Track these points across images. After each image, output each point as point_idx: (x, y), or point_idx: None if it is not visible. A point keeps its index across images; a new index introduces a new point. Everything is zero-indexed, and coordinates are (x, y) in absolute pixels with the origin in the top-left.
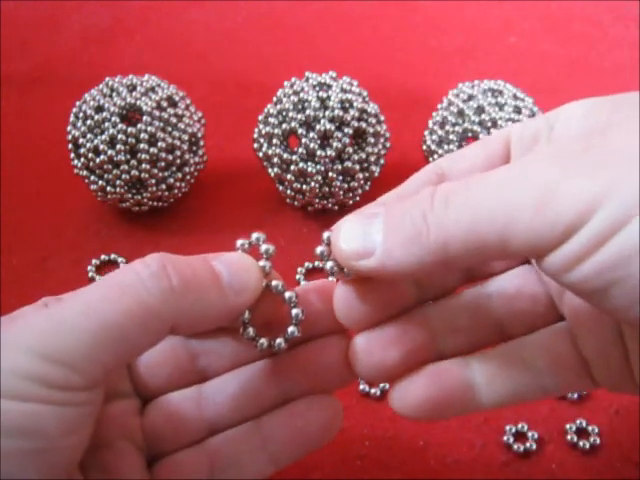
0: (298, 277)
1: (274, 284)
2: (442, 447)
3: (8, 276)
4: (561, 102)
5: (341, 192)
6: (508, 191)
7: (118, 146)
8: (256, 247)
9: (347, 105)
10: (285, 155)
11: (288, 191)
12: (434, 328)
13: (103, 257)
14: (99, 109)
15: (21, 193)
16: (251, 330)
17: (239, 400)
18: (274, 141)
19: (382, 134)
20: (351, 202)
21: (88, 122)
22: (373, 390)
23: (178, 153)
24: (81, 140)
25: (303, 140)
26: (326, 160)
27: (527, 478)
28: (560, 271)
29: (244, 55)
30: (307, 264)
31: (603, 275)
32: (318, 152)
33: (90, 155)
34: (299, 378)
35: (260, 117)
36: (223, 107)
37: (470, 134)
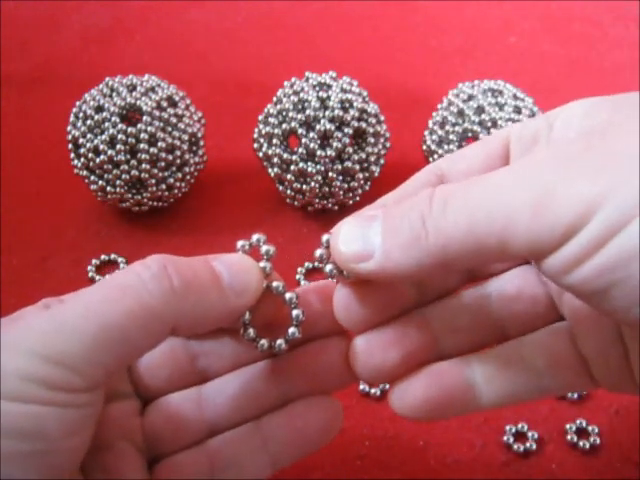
0: (298, 277)
1: (275, 285)
2: (442, 447)
3: (8, 276)
4: (561, 102)
5: (341, 192)
6: (507, 193)
7: (118, 146)
8: (257, 248)
9: (347, 105)
10: (285, 155)
11: (288, 191)
12: (434, 329)
13: (103, 257)
14: (99, 109)
15: (21, 193)
16: (252, 331)
17: (239, 401)
18: (274, 141)
19: (382, 134)
20: (351, 202)
21: (88, 122)
22: (373, 390)
23: (178, 153)
24: (81, 140)
25: (303, 140)
26: (326, 160)
27: (527, 478)
28: (560, 273)
29: (244, 55)
30: (307, 264)
31: (603, 277)
32: (318, 152)
33: (90, 155)
34: (299, 379)
35: (260, 117)
36: (223, 107)
37: (470, 134)
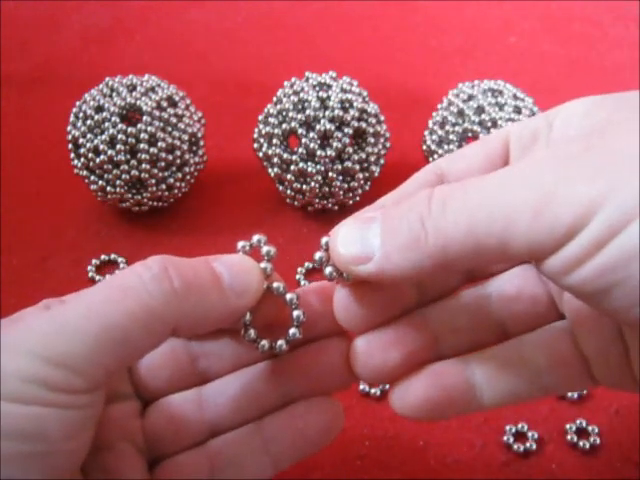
0: (298, 277)
1: (275, 286)
2: (442, 447)
3: (8, 276)
4: (561, 102)
5: (341, 192)
6: (507, 194)
7: (118, 146)
8: (257, 249)
9: (347, 105)
10: (285, 155)
11: (288, 191)
12: (434, 329)
13: (103, 257)
14: (99, 109)
15: (21, 193)
16: (252, 332)
17: (240, 402)
18: (274, 141)
19: (382, 134)
20: (351, 202)
21: (88, 122)
22: (373, 390)
23: (178, 153)
24: (81, 140)
25: (303, 140)
26: (326, 160)
27: (527, 478)
28: (560, 274)
29: (244, 55)
30: (307, 264)
31: (603, 277)
32: (318, 152)
33: (90, 155)
34: (300, 380)
35: (260, 117)
36: (223, 107)
37: (470, 134)
